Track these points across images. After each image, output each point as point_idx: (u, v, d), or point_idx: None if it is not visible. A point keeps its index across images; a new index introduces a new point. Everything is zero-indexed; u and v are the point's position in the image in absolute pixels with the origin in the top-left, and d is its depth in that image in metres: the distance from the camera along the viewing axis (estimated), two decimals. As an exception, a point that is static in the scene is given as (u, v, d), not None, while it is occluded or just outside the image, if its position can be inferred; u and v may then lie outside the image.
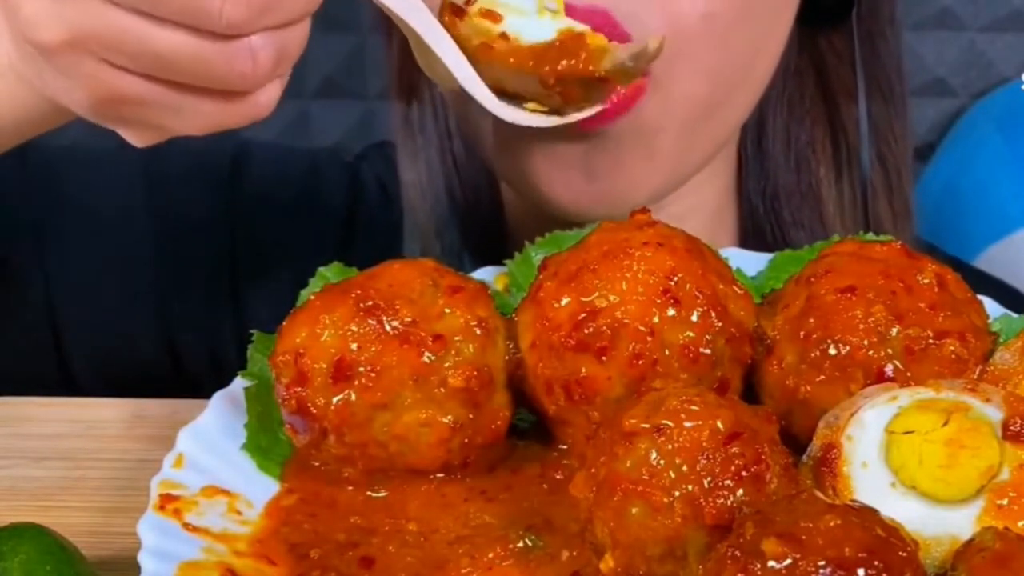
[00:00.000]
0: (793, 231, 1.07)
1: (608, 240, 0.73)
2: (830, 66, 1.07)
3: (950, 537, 0.59)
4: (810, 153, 1.08)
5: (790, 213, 1.07)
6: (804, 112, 1.08)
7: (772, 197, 1.09)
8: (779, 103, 1.07)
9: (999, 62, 2.05)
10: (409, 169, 1.08)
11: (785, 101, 1.07)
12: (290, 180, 1.17)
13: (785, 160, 1.08)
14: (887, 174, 1.09)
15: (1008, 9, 2.03)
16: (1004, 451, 0.61)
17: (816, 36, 1.07)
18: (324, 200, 1.16)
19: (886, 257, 0.72)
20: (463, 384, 0.70)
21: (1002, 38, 2.05)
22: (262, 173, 1.15)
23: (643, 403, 0.63)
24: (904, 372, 0.68)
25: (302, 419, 0.71)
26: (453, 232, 1.08)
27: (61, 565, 0.64)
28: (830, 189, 1.08)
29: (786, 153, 1.08)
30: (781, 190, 1.08)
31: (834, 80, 1.08)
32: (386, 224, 1.15)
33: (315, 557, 0.68)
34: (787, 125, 1.08)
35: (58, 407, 0.89)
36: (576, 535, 0.67)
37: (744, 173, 1.10)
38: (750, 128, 1.08)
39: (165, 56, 0.62)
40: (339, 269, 0.81)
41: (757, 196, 1.09)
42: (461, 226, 1.08)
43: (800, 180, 1.08)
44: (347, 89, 2.08)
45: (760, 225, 1.09)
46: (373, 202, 1.18)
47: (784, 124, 1.08)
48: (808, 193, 1.08)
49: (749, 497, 0.59)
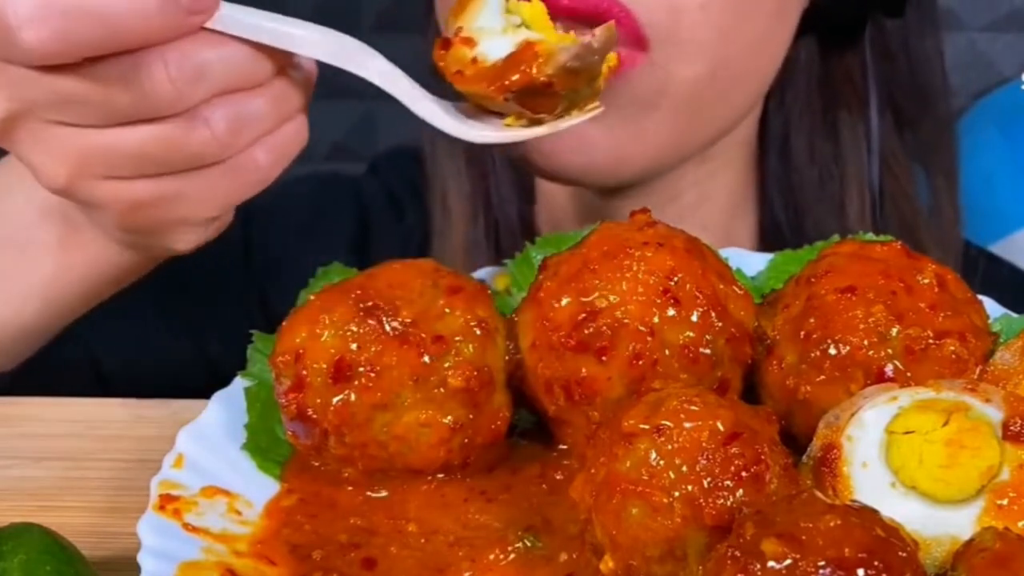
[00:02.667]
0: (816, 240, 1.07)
1: (608, 240, 0.72)
2: (854, 79, 1.09)
3: (950, 537, 0.59)
4: (834, 166, 1.09)
5: (813, 222, 1.08)
6: (829, 125, 1.09)
7: (795, 206, 1.10)
8: (803, 116, 1.09)
9: (999, 62, 2.05)
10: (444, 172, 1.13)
11: (809, 114, 1.09)
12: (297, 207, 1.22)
13: (810, 171, 1.10)
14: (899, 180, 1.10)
15: (1008, 9, 2.03)
16: (1004, 451, 0.61)
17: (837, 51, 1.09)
18: (331, 221, 1.21)
19: (886, 257, 0.72)
20: (463, 384, 0.70)
21: (1002, 38, 2.05)
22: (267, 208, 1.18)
23: (643, 403, 0.63)
24: (904, 372, 0.68)
25: (303, 424, 0.71)
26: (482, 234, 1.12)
27: (61, 565, 0.64)
28: (854, 199, 1.09)
29: (810, 165, 1.10)
30: (804, 197, 1.10)
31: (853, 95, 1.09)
32: (400, 232, 1.17)
33: (317, 558, 0.68)
34: (811, 138, 1.09)
35: (58, 407, 0.89)
36: (575, 536, 0.67)
37: (766, 181, 1.11)
38: (774, 139, 1.10)
39: (142, 151, 0.69)
40: (339, 269, 0.82)
41: (779, 204, 1.11)
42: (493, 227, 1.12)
43: (824, 191, 1.09)
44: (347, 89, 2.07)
45: (781, 231, 1.10)
46: (381, 215, 1.20)
47: (808, 137, 1.09)
48: (833, 202, 1.09)
49: (749, 497, 0.59)
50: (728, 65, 0.94)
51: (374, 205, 1.23)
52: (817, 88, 1.09)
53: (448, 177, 1.13)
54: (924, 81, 1.11)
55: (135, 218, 0.74)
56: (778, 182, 1.10)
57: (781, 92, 1.09)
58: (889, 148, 1.10)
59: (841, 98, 1.09)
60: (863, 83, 1.09)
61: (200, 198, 0.73)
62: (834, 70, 1.09)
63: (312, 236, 1.21)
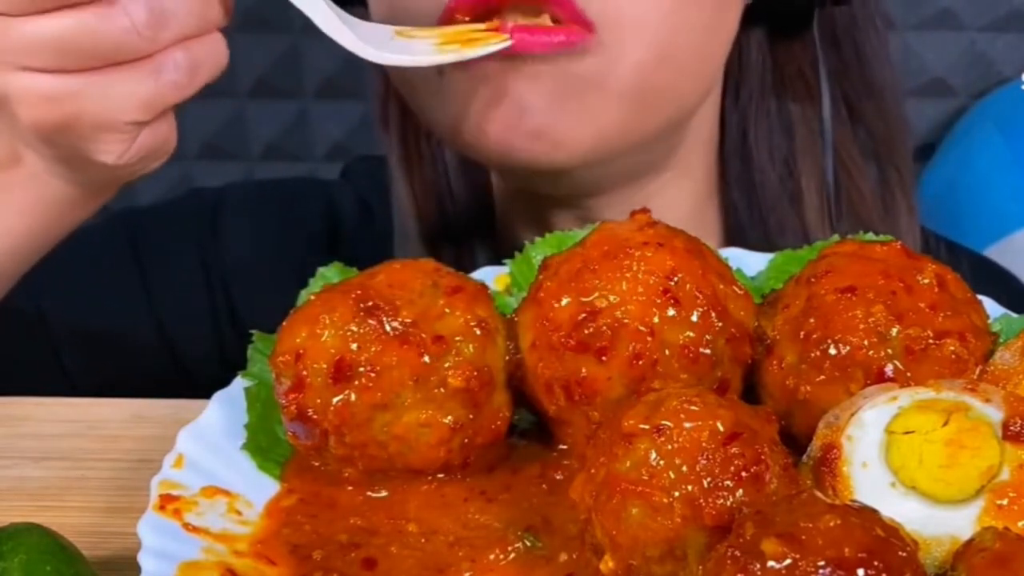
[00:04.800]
0: (779, 238, 1.08)
1: (608, 240, 0.73)
2: (805, 74, 1.09)
3: (950, 537, 0.59)
4: (792, 162, 1.09)
5: (776, 220, 1.08)
6: (784, 121, 1.09)
7: (758, 206, 1.10)
8: (759, 113, 1.09)
9: (999, 62, 2.05)
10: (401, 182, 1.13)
11: (764, 111, 1.09)
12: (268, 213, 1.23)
13: (770, 169, 1.09)
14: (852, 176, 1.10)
15: (1008, 9, 2.03)
16: (1004, 451, 0.61)
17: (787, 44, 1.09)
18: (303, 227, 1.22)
19: (886, 257, 0.72)
20: (463, 384, 0.70)
21: (1002, 38, 2.05)
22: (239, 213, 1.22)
23: (643, 403, 0.63)
24: (904, 372, 0.68)
25: (303, 425, 0.71)
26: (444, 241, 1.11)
27: (61, 565, 0.64)
28: (812, 195, 1.09)
29: (771, 162, 1.09)
30: (766, 198, 1.09)
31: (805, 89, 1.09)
32: (370, 238, 1.18)
33: (317, 558, 0.68)
34: (769, 135, 1.09)
35: (58, 407, 0.89)
36: (575, 536, 0.67)
37: (727, 182, 1.11)
38: (732, 140, 1.10)
39: (61, 39, 0.71)
40: (339, 269, 0.82)
41: (743, 204, 1.10)
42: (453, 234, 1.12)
43: (784, 188, 1.09)
44: (347, 89, 2.08)
45: (744, 232, 1.10)
46: (352, 221, 1.22)
47: (766, 134, 1.09)
48: (793, 200, 1.09)
49: (749, 497, 0.59)
50: (676, 51, 0.93)
51: (343, 209, 1.23)
52: (771, 84, 1.09)
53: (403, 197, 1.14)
54: (871, 75, 1.11)
55: (50, 116, 0.74)
56: (739, 183, 1.10)
57: (736, 90, 1.09)
58: (842, 143, 1.10)
59: (794, 92, 1.09)
60: (814, 77, 1.09)
61: (117, 96, 0.73)
62: (785, 64, 1.09)
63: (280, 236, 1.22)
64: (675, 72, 0.95)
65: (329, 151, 2.14)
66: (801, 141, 1.09)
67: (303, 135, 2.14)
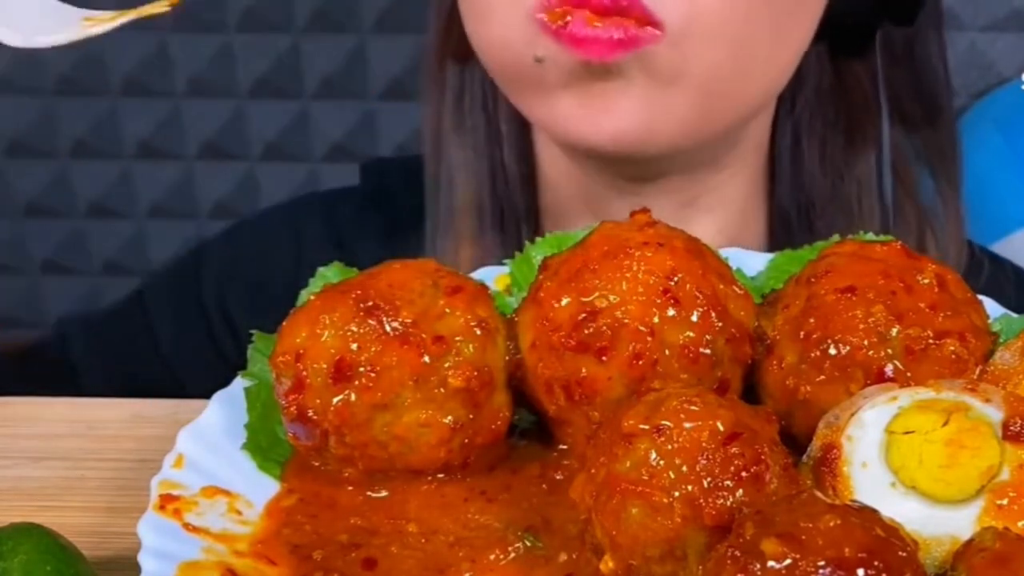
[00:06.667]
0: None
1: (608, 240, 0.73)
2: (864, 87, 1.11)
3: (950, 537, 0.59)
4: (845, 171, 1.11)
5: (825, 225, 1.09)
6: (840, 131, 1.11)
7: (807, 207, 1.12)
8: (814, 121, 1.11)
9: (999, 62, 2.05)
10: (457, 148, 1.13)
11: (820, 120, 1.11)
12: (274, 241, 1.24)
13: (821, 176, 1.11)
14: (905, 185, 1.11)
15: (1008, 9, 2.03)
16: (1004, 451, 0.61)
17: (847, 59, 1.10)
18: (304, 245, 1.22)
19: (886, 257, 0.72)
20: (463, 384, 0.70)
21: (1002, 38, 2.05)
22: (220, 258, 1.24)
23: (643, 403, 0.63)
24: (904, 372, 0.68)
25: (303, 425, 0.71)
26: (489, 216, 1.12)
27: (61, 565, 0.64)
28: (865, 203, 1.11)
29: (821, 168, 1.11)
30: (816, 201, 1.12)
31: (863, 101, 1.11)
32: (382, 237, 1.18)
33: (318, 558, 0.68)
34: (822, 143, 1.11)
35: (58, 407, 0.89)
36: (575, 536, 0.67)
37: (777, 182, 1.13)
38: (784, 145, 1.11)
39: None
40: (339, 269, 0.82)
41: (791, 205, 1.12)
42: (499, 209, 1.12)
43: (835, 193, 1.11)
44: (347, 89, 2.08)
45: (791, 232, 1.11)
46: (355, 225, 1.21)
47: (819, 142, 1.11)
48: (843, 205, 1.11)
49: (749, 497, 0.59)
50: (749, 49, 0.95)
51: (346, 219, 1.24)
52: (828, 95, 1.11)
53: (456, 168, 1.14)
54: (930, 87, 1.12)
55: None
56: (789, 184, 1.12)
57: (792, 98, 1.10)
58: (897, 153, 1.11)
59: (851, 103, 1.11)
60: (873, 90, 1.10)
61: None
62: (845, 77, 1.11)
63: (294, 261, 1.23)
64: (748, 68, 0.97)
65: (329, 151, 2.14)
66: (856, 151, 1.11)
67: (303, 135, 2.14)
